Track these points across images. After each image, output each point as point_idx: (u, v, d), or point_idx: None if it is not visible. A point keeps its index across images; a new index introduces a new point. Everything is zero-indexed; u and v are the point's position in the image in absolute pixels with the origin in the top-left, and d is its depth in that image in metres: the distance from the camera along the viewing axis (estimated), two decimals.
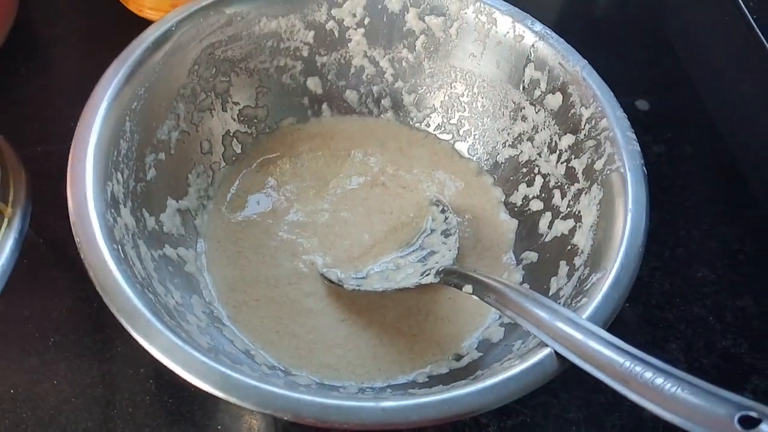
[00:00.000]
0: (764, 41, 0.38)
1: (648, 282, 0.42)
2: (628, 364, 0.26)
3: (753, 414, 0.22)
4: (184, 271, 0.37)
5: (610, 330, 0.28)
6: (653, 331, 0.40)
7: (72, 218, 0.31)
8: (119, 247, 0.31)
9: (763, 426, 0.22)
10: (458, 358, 0.36)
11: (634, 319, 0.41)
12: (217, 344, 0.33)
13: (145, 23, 0.48)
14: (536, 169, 0.40)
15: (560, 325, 0.29)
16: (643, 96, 0.51)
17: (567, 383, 0.38)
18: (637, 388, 0.25)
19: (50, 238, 0.41)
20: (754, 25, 0.38)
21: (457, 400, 0.27)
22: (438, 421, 0.27)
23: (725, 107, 0.48)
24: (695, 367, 0.39)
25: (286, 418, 0.26)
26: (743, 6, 0.39)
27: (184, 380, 0.36)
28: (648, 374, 0.25)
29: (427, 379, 0.35)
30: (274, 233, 0.40)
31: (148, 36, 0.37)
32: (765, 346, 0.40)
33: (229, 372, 0.27)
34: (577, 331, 0.28)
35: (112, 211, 0.32)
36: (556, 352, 0.28)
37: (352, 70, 0.43)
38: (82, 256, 0.30)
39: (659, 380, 0.25)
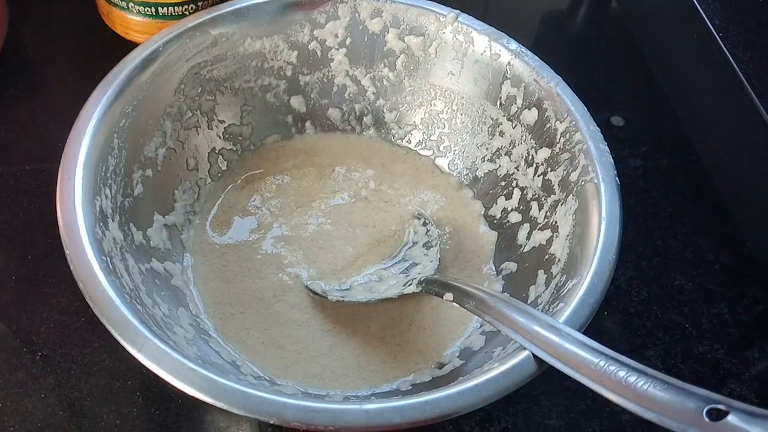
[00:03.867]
0: (730, 58, 0.39)
1: (626, 291, 0.43)
2: (602, 363, 0.27)
3: (721, 407, 0.23)
4: (171, 284, 0.37)
5: (590, 337, 0.29)
6: (632, 339, 0.41)
7: (61, 231, 0.32)
8: (108, 259, 0.32)
9: (729, 417, 0.23)
10: (440, 366, 0.37)
11: (613, 327, 0.42)
12: (203, 355, 0.34)
13: (132, 46, 0.49)
14: (514, 182, 0.41)
15: (537, 328, 0.30)
16: (618, 112, 0.52)
17: (548, 391, 0.39)
18: (612, 386, 0.26)
19: (38, 254, 0.41)
20: (720, 43, 0.40)
21: (439, 402, 0.28)
22: (421, 422, 0.27)
23: (699, 122, 0.50)
24: (673, 372, 0.40)
25: (271, 422, 0.27)
26: (709, 24, 0.41)
27: (171, 392, 0.37)
28: (621, 373, 0.26)
29: (411, 387, 0.36)
30: (259, 247, 0.41)
31: (136, 56, 0.38)
32: (740, 351, 0.41)
33: (216, 378, 0.28)
34: (553, 334, 0.29)
35: (101, 224, 0.33)
36: (534, 354, 0.29)
37: (335, 88, 0.45)
38: (71, 268, 0.31)
39: (632, 378, 0.26)
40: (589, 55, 0.57)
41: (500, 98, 0.41)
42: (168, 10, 0.47)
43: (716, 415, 0.23)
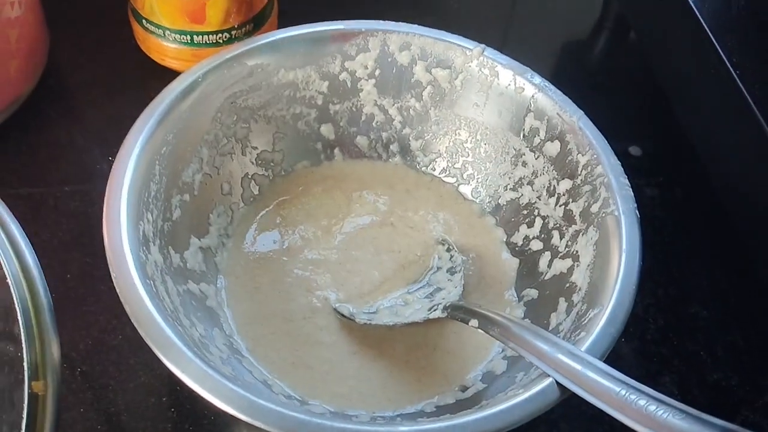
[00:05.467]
0: (746, 93, 0.41)
1: (643, 318, 0.44)
2: (623, 392, 0.28)
3: None
4: (206, 305, 0.39)
5: (607, 363, 0.30)
6: (648, 365, 0.43)
7: (108, 255, 0.33)
8: (151, 282, 0.33)
9: None
10: (464, 389, 0.38)
11: (630, 354, 0.43)
12: (238, 374, 0.35)
13: (166, 71, 0.51)
14: (536, 211, 0.43)
15: (561, 356, 0.31)
16: (636, 142, 0.54)
17: (567, 415, 0.40)
18: (632, 414, 0.28)
19: (77, 274, 0.43)
20: (736, 79, 0.41)
21: (467, 426, 0.29)
22: None
23: (714, 154, 0.51)
24: (688, 399, 0.41)
25: None
26: (726, 61, 0.42)
27: (204, 409, 0.39)
28: (642, 402, 0.28)
29: (435, 409, 0.37)
30: (289, 270, 0.42)
31: (177, 86, 0.39)
32: (754, 379, 0.42)
33: (255, 399, 0.29)
34: (576, 363, 0.30)
35: (144, 248, 0.34)
36: (557, 381, 0.31)
37: (363, 117, 0.46)
38: (117, 290, 0.32)
39: (652, 407, 0.27)
40: (608, 85, 0.59)
41: (523, 130, 0.43)
42: (203, 38, 0.49)
43: None
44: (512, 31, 0.61)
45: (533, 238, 0.43)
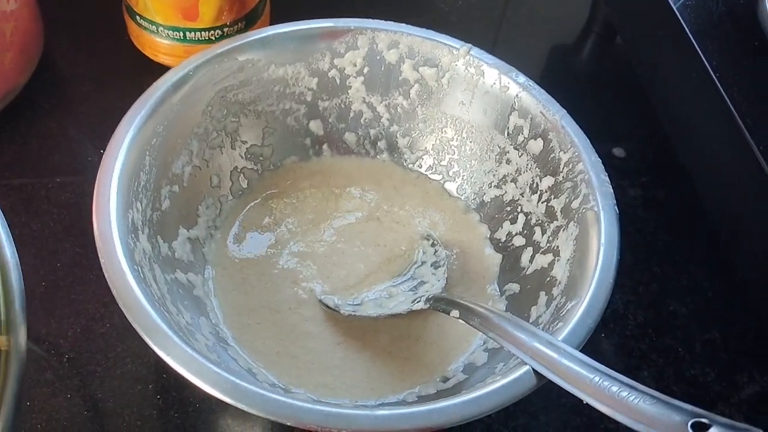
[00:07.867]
0: (725, 96, 0.42)
1: (623, 314, 0.45)
2: (597, 379, 0.29)
3: (704, 420, 0.25)
4: (193, 294, 0.39)
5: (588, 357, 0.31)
6: (627, 360, 0.43)
7: (97, 241, 0.34)
8: (139, 269, 0.34)
9: (712, 430, 0.25)
10: (445, 380, 0.39)
11: (610, 349, 0.44)
12: (222, 362, 0.36)
13: (159, 67, 0.52)
14: (519, 207, 0.44)
15: (538, 345, 0.32)
16: (620, 144, 0.54)
17: (546, 406, 0.41)
18: (605, 400, 0.28)
19: (67, 263, 0.43)
20: (716, 82, 0.42)
21: (445, 410, 0.30)
22: (427, 429, 0.30)
23: (695, 155, 0.52)
24: (665, 393, 0.41)
25: (289, 424, 0.29)
26: (707, 65, 0.43)
27: (189, 397, 0.39)
28: (614, 388, 0.28)
29: (416, 399, 0.38)
30: (276, 262, 0.43)
31: (169, 79, 0.40)
32: (730, 376, 0.43)
33: (239, 381, 0.30)
34: (553, 351, 0.31)
35: (133, 236, 0.35)
36: (534, 369, 0.31)
37: (352, 114, 0.47)
38: (105, 275, 0.33)
39: (624, 393, 0.28)
40: (594, 88, 0.60)
41: (508, 128, 0.44)
42: (195, 34, 0.50)
43: (700, 429, 0.25)
44: (502, 34, 0.62)
45: (516, 234, 0.43)
